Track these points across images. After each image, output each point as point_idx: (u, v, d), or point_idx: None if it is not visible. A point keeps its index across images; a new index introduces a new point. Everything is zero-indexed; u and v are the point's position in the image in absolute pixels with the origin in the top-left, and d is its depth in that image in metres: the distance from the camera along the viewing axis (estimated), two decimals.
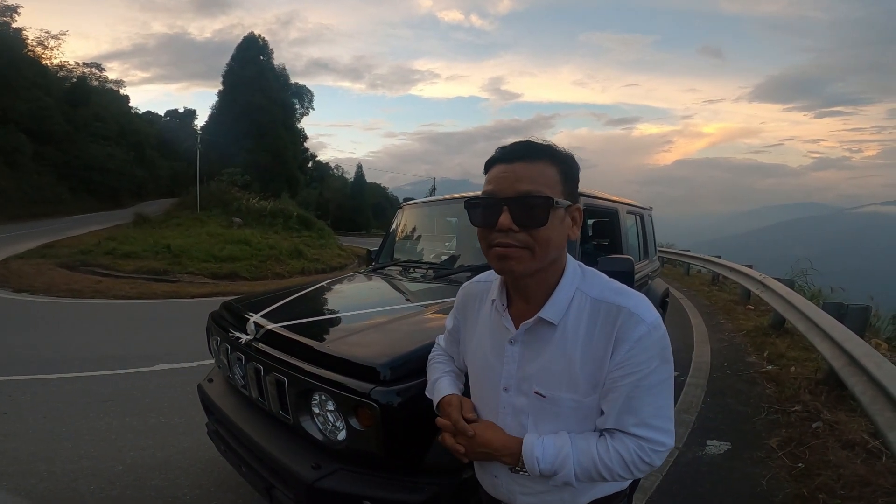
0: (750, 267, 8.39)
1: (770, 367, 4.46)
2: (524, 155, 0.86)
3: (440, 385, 1.12)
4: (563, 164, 0.88)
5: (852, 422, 3.00)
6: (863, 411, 2.87)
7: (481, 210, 0.88)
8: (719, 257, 10.73)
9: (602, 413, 0.88)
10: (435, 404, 1.10)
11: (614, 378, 0.85)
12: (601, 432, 0.89)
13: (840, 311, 4.16)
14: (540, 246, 0.85)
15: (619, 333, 0.84)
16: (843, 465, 2.48)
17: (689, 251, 13.37)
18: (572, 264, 0.93)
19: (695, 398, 3.75)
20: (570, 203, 0.88)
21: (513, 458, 0.91)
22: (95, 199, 28.71)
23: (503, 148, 0.90)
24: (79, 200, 27.36)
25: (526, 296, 0.93)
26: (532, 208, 0.83)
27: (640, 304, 0.87)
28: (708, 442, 2.98)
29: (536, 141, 0.89)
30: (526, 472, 0.89)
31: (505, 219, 0.83)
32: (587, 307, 0.89)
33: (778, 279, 6.56)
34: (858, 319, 4.07)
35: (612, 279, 0.94)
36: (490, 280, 1.05)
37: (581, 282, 0.92)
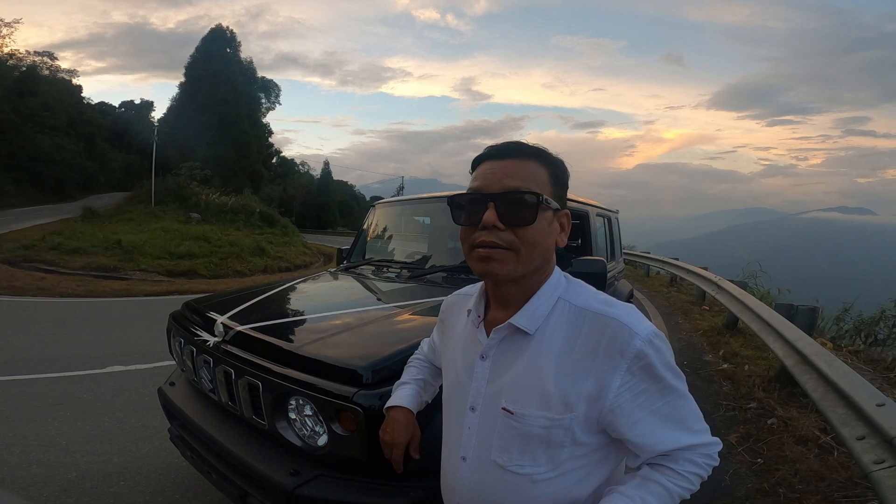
0: (705, 269, 8.75)
1: (726, 366, 4.66)
2: (514, 152, 0.83)
3: (400, 391, 1.12)
4: (554, 166, 0.85)
5: (804, 418, 3.17)
6: (813, 407, 3.03)
7: (465, 207, 0.82)
8: (677, 259, 11.14)
9: (637, 444, 0.79)
10: (385, 407, 1.11)
11: (625, 401, 0.76)
12: (650, 464, 0.80)
13: (790, 312, 4.38)
14: (526, 247, 0.79)
15: (610, 350, 0.76)
16: (798, 461, 2.61)
17: (649, 253, 13.83)
18: (557, 273, 0.87)
19: None
20: (559, 207, 0.83)
21: None
22: (41, 192, 27.01)
23: (493, 146, 0.86)
24: (23, 193, 25.68)
25: (505, 305, 0.86)
26: (519, 205, 0.78)
27: (630, 314, 0.79)
28: None
29: (527, 142, 0.86)
30: None
31: (490, 215, 0.78)
32: (569, 316, 0.82)
33: (732, 281, 6.87)
34: (807, 319, 4.29)
35: (598, 291, 0.87)
36: (471, 293, 0.99)
37: (564, 291, 0.85)
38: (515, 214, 0.78)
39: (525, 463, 0.82)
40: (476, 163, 0.87)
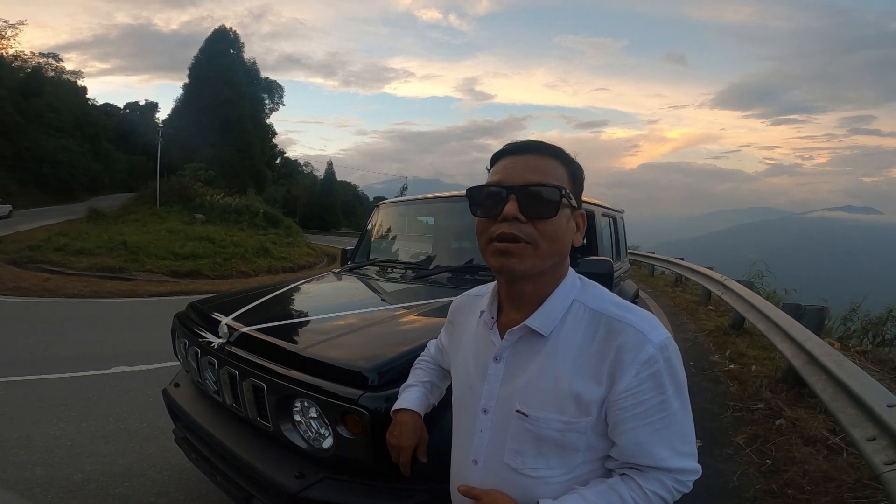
0: (711, 269, 8.69)
1: (732, 366, 4.62)
2: (534, 149, 0.83)
3: (407, 394, 1.11)
4: (571, 166, 0.85)
5: (812, 419, 3.13)
6: (822, 408, 3.00)
7: (485, 199, 0.82)
8: (682, 259, 11.08)
9: (618, 448, 0.78)
10: (392, 409, 1.10)
11: (624, 408, 0.75)
12: (621, 474, 0.79)
13: (798, 312, 4.34)
14: (546, 241, 0.78)
15: (621, 354, 0.75)
16: (807, 462, 2.59)
17: (654, 253, 13.76)
18: (572, 274, 0.87)
19: None
20: (576, 206, 0.83)
21: None
22: (46, 193, 27.28)
23: (512, 143, 0.86)
24: (28, 194, 25.94)
25: (519, 304, 0.85)
26: (541, 198, 0.78)
27: (645, 321, 0.78)
28: None
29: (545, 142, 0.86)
30: None
31: (511, 207, 0.77)
32: (584, 318, 0.81)
33: (738, 280, 6.82)
34: (815, 319, 4.25)
35: (613, 294, 0.86)
36: (481, 294, 0.99)
37: (580, 292, 0.84)
38: (537, 207, 0.78)
39: (539, 466, 0.81)
40: (495, 158, 0.87)
